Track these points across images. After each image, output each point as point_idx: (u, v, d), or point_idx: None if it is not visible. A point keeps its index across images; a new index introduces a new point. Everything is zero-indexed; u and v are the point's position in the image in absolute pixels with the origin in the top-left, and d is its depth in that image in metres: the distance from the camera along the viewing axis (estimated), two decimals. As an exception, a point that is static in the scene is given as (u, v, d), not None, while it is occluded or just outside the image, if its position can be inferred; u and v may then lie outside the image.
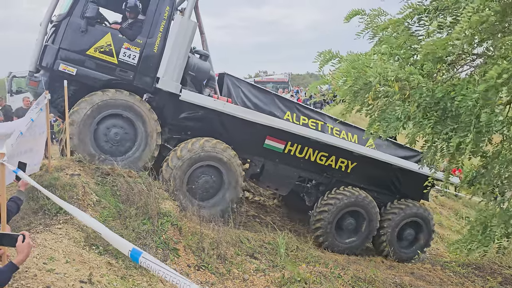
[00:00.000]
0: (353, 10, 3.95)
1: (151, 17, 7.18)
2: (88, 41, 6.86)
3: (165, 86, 7.17)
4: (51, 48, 6.74)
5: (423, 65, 3.83)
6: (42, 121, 5.38)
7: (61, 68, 6.74)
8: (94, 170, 6.40)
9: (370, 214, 8.73)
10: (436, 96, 3.54)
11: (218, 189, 7.65)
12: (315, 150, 8.59)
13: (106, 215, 5.62)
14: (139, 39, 7.12)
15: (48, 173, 5.84)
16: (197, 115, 7.70)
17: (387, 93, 3.74)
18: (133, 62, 7.10)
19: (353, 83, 3.49)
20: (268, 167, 8.47)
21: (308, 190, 9.01)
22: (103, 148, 7.01)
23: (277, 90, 25.44)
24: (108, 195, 6.04)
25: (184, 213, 6.72)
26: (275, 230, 7.82)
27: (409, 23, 3.97)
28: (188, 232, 6.22)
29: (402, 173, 9.19)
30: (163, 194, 6.62)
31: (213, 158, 7.44)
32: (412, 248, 9.43)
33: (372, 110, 4.26)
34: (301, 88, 29.98)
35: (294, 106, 8.60)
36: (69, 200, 5.32)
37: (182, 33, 7.22)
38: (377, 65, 3.47)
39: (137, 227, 5.67)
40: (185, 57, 7.36)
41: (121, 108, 6.98)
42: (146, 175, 6.71)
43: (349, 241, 8.79)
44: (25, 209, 5.03)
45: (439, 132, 3.60)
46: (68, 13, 6.81)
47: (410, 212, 9.17)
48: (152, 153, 7.23)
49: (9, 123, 5.24)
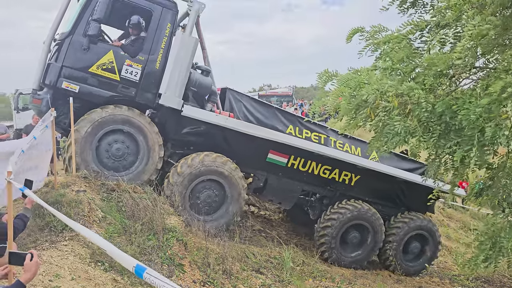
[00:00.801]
0: (353, 28, 4.01)
1: (153, 34, 7.31)
2: (90, 59, 6.98)
3: (167, 102, 7.27)
4: (54, 66, 6.86)
5: (425, 80, 3.85)
6: (48, 138, 5.43)
7: (64, 86, 6.85)
8: (100, 186, 6.44)
9: (374, 226, 8.72)
10: (437, 111, 3.55)
11: (221, 203, 7.68)
12: (318, 164, 8.63)
13: (112, 231, 5.64)
14: (141, 56, 7.25)
15: (54, 189, 5.88)
16: (199, 130, 7.78)
17: (386, 109, 3.76)
18: (135, 79, 7.20)
19: (347, 102, 3.52)
20: (271, 181, 8.50)
21: (312, 204, 9.04)
22: (106, 164, 7.08)
23: (281, 104, 25.52)
24: (113, 211, 6.06)
25: (190, 228, 6.72)
26: (281, 244, 7.81)
27: (411, 39, 3.99)
28: (194, 248, 6.21)
29: (407, 186, 9.20)
30: (168, 210, 6.64)
31: (214, 172, 7.47)
32: (419, 261, 9.35)
33: (375, 125, 4.27)
34: (305, 101, 30.08)
35: (296, 120, 8.68)
36: (75, 217, 5.35)
37: (183, 49, 7.34)
38: (374, 82, 3.50)
39: (143, 243, 5.68)
40: (187, 73, 7.47)
41: (121, 123, 7.07)
42: (151, 191, 6.72)
43: (354, 254, 8.77)
44: (31, 226, 5.06)
45: (443, 146, 3.60)
46: (71, 31, 6.95)
47: (415, 225, 9.16)
48: (155, 165, 7.28)
49: (12, 141, 5.30)
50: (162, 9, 7.36)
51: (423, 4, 4.30)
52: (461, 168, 3.68)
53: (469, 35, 3.17)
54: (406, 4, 4.32)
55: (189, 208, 7.30)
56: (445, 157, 4.09)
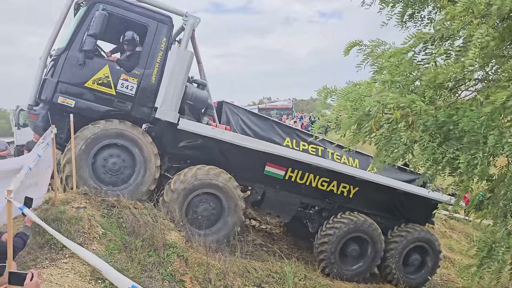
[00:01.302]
0: (351, 42, 4.06)
1: (148, 48, 7.39)
2: (86, 74, 7.03)
3: (163, 116, 7.31)
4: (50, 81, 6.90)
5: (425, 92, 3.87)
6: (49, 155, 5.45)
7: (60, 101, 6.89)
8: (100, 203, 6.43)
9: (372, 237, 8.71)
10: (440, 121, 3.57)
11: (219, 215, 7.66)
12: (316, 176, 8.63)
13: (112, 248, 5.61)
14: (136, 70, 7.30)
15: (55, 206, 5.86)
16: (196, 144, 7.79)
17: (389, 121, 3.77)
18: (131, 93, 7.25)
19: (350, 116, 3.53)
20: (269, 194, 8.50)
21: (311, 217, 9.02)
22: (104, 180, 7.08)
23: (281, 117, 25.58)
24: (114, 227, 6.05)
25: (190, 243, 6.69)
26: (283, 258, 7.74)
27: (415, 52, 4.02)
28: (195, 263, 6.18)
29: (406, 197, 9.21)
30: (168, 225, 6.62)
31: (208, 185, 7.46)
32: (420, 274, 9.28)
33: (377, 139, 4.27)
34: (305, 114, 30.12)
35: (293, 132, 8.73)
36: (75, 234, 5.34)
37: (179, 63, 7.41)
38: (375, 94, 3.52)
39: (143, 259, 5.65)
40: (183, 87, 7.51)
41: (114, 137, 7.09)
42: (151, 206, 6.70)
43: (356, 267, 8.74)
44: (31, 244, 5.04)
45: (445, 151, 3.61)
46: (67, 47, 7.01)
47: (414, 237, 9.13)
48: (153, 175, 7.30)
49: (16, 158, 5.31)
50: (158, 23, 7.44)
51: (420, 17, 4.35)
52: (466, 176, 3.65)
53: (479, 43, 3.20)
54: (404, 18, 4.37)
55: (188, 223, 7.23)
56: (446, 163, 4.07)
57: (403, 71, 3.96)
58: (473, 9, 3.09)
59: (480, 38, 3.01)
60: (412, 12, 4.13)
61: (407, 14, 4.20)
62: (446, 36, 3.53)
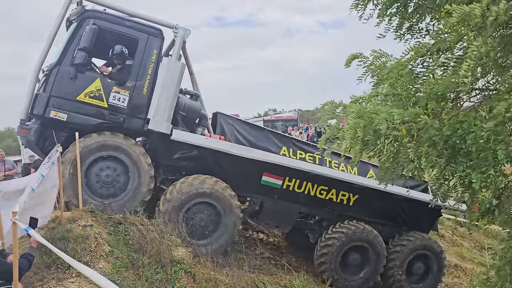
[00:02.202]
0: (352, 54, 4.07)
1: (139, 60, 7.48)
2: (78, 88, 7.10)
3: (156, 127, 7.36)
4: (42, 96, 6.98)
5: (427, 104, 3.85)
6: (54, 174, 5.48)
7: (52, 115, 6.94)
8: (106, 220, 6.44)
9: (372, 245, 8.65)
10: (445, 134, 3.54)
11: (217, 220, 7.61)
12: (314, 184, 8.61)
13: (119, 265, 5.62)
14: (128, 83, 7.36)
15: (61, 225, 5.86)
16: (190, 155, 7.81)
17: (396, 137, 3.74)
18: (123, 105, 7.31)
19: (364, 134, 3.49)
20: (267, 204, 8.48)
21: (312, 227, 8.97)
22: (102, 194, 7.11)
23: (286, 128, 25.57)
24: (120, 244, 6.05)
25: (198, 259, 6.64)
26: (291, 272, 7.67)
27: (413, 66, 4.02)
28: (202, 279, 6.16)
29: (408, 204, 9.15)
30: (175, 241, 6.60)
31: (197, 196, 7.40)
32: (425, 282, 9.13)
33: (384, 156, 4.24)
34: (311, 125, 30.08)
35: (290, 141, 8.74)
36: (81, 252, 5.35)
37: (170, 74, 7.51)
38: (382, 111, 3.49)
39: (151, 276, 5.66)
40: (175, 98, 7.58)
41: (97, 150, 7.09)
42: (157, 223, 6.68)
43: (357, 277, 8.64)
44: (38, 264, 5.06)
45: (454, 169, 3.57)
46: (58, 61, 7.12)
47: (415, 246, 9.02)
48: (148, 175, 7.30)
49: (21, 179, 5.34)
50: (148, 36, 7.56)
51: (418, 29, 4.35)
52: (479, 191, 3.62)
53: (474, 56, 3.20)
54: (402, 30, 4.37)
55: (189, 238, 7.14)
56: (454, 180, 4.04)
57: (404, 83, 3.95)
58: (469, 21, 3.08)
59: (475, 50, 3.00)
60: (410, 24, 4.14)
61: (404, 27, 4.21)
62: (443, 48, 3.53)
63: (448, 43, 3.55)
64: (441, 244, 13.10)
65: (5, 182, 4.79)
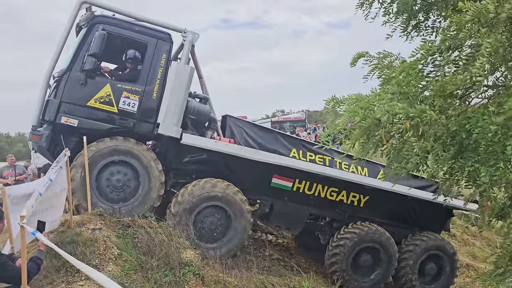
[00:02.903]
0: (358, 53, 4.05)
1: (149, 65, 7.53)
2: (88, 93, 7.17)
3: (166, 131, 7.40)
4: (53, 102, 7.07)
5: (434, 101, 3.81)
6: (63, 178, 5.51)
7: (63, 121, 7.02)
8: (115, 223, 6.46)
9: (384, 246, 8.60)
10: (451, 130, 3.50)
11: (228, 224, 7.62)
12: (325, 186, 8.62)
13: (128, 268, 5.64)
14: (137, 87, 7.40)
15: (70, 228, 5.89)
16: (200, 158, 7.85)
17: (400, 131, 3.71)
18: (133, 110, 7.36)
19: (361, 120, 3.47)
20: (277, 206, 8.48)
21: (322, 228, 8.95)
22: (113, 199, 7.18)
23: (294, 129, 25.50)
24: (129, 247, 6.07)
25: (206, 261, 6.65)
26: (300, 273, 7.63)
27: (423, 65, 3.96)
28: (211, 281, 6.16)
29: (419, 204, 9.12)
30: (184, 243, 6.60)
31: (208, 199, 7.42)
32: (437, 283, 9.07)
33: (387, 150, 4.20)
34: (319, 125, 29.97)
35: (299, 143, 8.75)
36: (90, 256, 5.38)
37: (179, 78, 7.54)
38: (383, 103, 3.47)
39: (159, 279, 5.67)
40: (184, 101, 7.61)
41: (109, 155, 7.15)
42: (166, 225, 6.69)
43: (369, 279, 8.61)
44: (48, 267, 5.11)
45: (462, 165, 3.53)
46: (68, 68, 7.19)
47: (427, 246, 8.97)
48: (159, 181, 7.35)
49: (29, 183, 5.38)
50: (157, 41, 7.60)
51: (425, 26, 4.31)
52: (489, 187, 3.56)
53: (487, 53, 3.16)
54: (409, 28, 4.33)
55: (199, 241, 7.17)
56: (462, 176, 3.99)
57: (411, 82, 3.90)
58: (481, 18, 3.04)
59: (489, 47, 2.96)
60: (416, 22, 4.11)
61: (411, 25, 4.17)
62: (454, 46, 3.47)
63: (458, 40, 3.50)
64: (453, 243, 12.97)
65: (14, 187, 4.83)
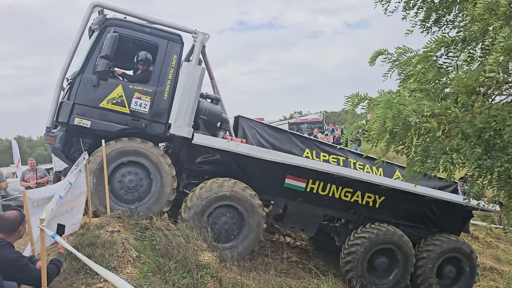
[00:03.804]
0: (376, 51, 3.99)
1: (160, 66, 7.61)
2: (101, 94, 7.28)
3: (177, 131, 7.44)
4: (66, 104, 7.20)
5: (457, 98, 3.71)
6: (82, 181, 5.58)
7: (76, 122, 7.15)
8: (133, 225, 6.51)
9: (398, 245, 8.39)
10: (477, 127, 3.39)
11: (241, 221, 7.58)
12: (339, 187, 8.51)
13: (146, 270, 5.67)
14: (149, 88, 7.48)
15: (89, 231, 5.96)
16: (213, 159, 7.87)
17: (428, 130, 3.62)
18: (145, 111, 7.45)
19: (394, 126, 3.37)
20: (291, 207, 8.40)
21: (337, 230, 8.84)
22: (128, 200, 7.23)
23: (312, 130, 25.39)
24: (147, 249, 6.11)
25: (224, 263, 6.63)
26: (319, 276, 7.55)
27: (437, 57, 3.88)
28: (229, 284, 6.16)
29: (437, 205, 8.93)
30: (201, 246, 6.61)
31: (217, 199, 7.37)
32: (457, 286, 8.91)
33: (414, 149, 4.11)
34: (337, 126, 29.77)
35: (313, 144, 8.70)
36: (109, 258, 5.44)
37: (190, 78, 7.59)
38: (412, 103, 3.38)
39: (177, 281, 5.70)
40: (195, 102, 7.66)
41: (118, 157, 7.18)
42: (184, 227, 6.71)
43: (384, 281, 8.36)
44: (68, 269, 5.16)
45: (491, 165, 3.42)
46: (81, 70, 7.33)
47: (445, 248, 8.72)
48: (170, 174, 7.38)
49: (50, 186, 5.46)
50: (168, 42, 7.69)
51: (446, 21, 4.21)
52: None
53: (501, 48, 3.06)
54: (429, 23, 4.24)
55: (215, 242, 7.10)
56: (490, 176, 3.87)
57: (431, 78, 3.82)
58: (496, 10, 2.95)
59: (502, 42, 2.86)
60: (436, 17, 4.02)
61: (431, 19, 4.08)
62: (469, 39, 3.38)
63: (474, 33, 3.41)
64: (475, 246, 12.71)
65: (35, 190, 4.91)
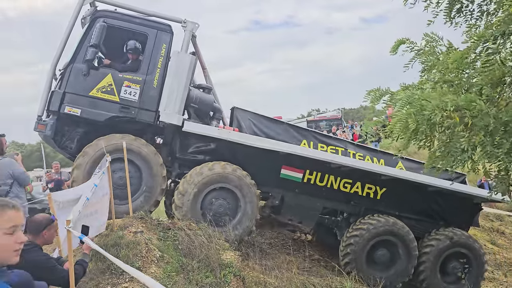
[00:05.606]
0: (398, 40, 3.91)
1: (149, 55, 7.76)
2: (90, 83, 7.43)
3: (167, 119, 7.52)
4: (57, 93, 7.37)
5: (482, 90, 3.61)
6: (105, 183, 5.65)
7: (67, 110, 7.28)
8: (156, 226, 6.58)
9: (398, 236, 8.15)
10: (503, 120, 3.28)
11: (236, 203, 7.60)
12: (337, 177, 8.36)
13: (170, 270, 5.75)
14: (138, 76, 7.58)
15: (113, 232, 6.06)
16: (206, 149, 7.89)
17: (449, 125, 3.53)
18: (134, 99, 7.55)
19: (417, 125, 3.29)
20: (288, 198, 8.32)
21: (339, 224, 8.63)
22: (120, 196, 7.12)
23: (330, 128, 25.22)
24: (170, 249, 6.19)
25: (246, 262, 6.65)
26: (342, 273, 7.49)
27: (476, 54, 3.73)
28: (252, 282, 6.20)
29: (442, 197, 8.68)
30: (223, 245, 6.64)
31: (211, 182, 7.41)
32: (462, 283, 8.51)
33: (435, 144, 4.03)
34: (356, 123, 29.49)
35: (310, 134, 8.65)
36: (133, 258, 5.54)
37: (180, 66, 7.69)
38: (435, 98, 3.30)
39: (201, 280, 5.75)
40: (185, 89, 7.70)
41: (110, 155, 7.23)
42: (205, 226, 6.75)
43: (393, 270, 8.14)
44: (93, 270, 5.27)
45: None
46: (71, 60, 7.52)
47: (449, 243, 8.39)
48: (160, 162, 7.44)
49: (76, 188, 5.55)
50: (157, 31, 7.86)
51: (470, 11, 4.09)
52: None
53: None
54: (453, 13, 4.13)
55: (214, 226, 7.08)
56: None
57: (455, 68, 3.71)
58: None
59: None
60: (460, 6, 3.90)
61: (454, 8, 3.96)
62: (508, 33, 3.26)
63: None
64: (502, 241, 12.43)
65: (60, 192, 4.98)
